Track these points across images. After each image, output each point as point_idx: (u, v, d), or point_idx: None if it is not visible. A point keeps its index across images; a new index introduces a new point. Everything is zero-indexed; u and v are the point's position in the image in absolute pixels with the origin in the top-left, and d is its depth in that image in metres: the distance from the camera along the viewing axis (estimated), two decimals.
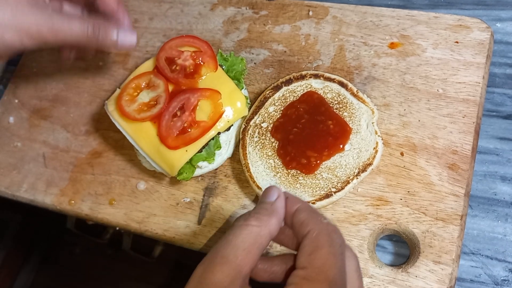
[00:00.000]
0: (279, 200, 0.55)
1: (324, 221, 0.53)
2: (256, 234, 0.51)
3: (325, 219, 0.54)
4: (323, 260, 0.49)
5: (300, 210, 0.54)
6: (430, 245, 0.71)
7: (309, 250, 0.50)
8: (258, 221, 0.52)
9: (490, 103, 0.83)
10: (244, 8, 0.98)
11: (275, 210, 0.54)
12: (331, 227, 0.53)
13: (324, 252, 0.49)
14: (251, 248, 0.50)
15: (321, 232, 0.51)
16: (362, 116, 0.78)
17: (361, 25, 0.89)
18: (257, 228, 0.51)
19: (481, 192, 0.78)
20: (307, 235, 0.51)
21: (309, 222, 0.52)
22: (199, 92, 0.79)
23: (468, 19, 0.84)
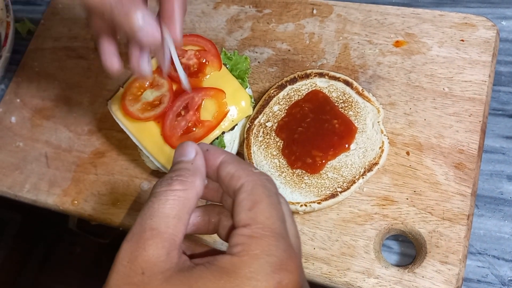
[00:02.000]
0: (199, 157, 0.51)
1: (255, 171, 0.50)
2: (184, 199, 0.47)
3: (255, 169, 0.51)
4: (265, 214, 0.46)
5: (226, 162, 0.50)
6: (437, 245, 0.71)
7: (248, 205, 0.46)
8: (182, 184, 0.48)
9: (496, 102, 0.83)
10: (247, 7, 0.97)
11: (197, 169, 0.50)
12: (263, 176, 0.49)
13: (264, 205, 0.46)
14: (181, 215, 0.46)
15: (256, 184, 0.48)
16: (368, 115, 0.78)
17: (366, 23, 0.89)
18: (183, 192, 0.47)
19: (488, 192, 0.78)
20: (241, 188, 0.48)
21: (240, 175, 0.48)
22: (203, 91, 0.78)
23: (474, 17, 0.84)
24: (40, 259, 2.17)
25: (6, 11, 1.10)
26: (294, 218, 0.76)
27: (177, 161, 0.51)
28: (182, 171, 0.49)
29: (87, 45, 1.05)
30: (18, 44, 1.13)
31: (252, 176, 0.48)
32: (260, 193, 0.47)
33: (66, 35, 1.08)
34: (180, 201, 0.47)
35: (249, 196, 0.47)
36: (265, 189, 0.48)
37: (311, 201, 0.74)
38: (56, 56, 1.06)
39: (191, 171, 0.49)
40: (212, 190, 0.54)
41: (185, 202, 0.47)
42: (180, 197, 0.47)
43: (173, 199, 0.46)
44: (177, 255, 0.45)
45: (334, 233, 0.75)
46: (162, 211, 0.46)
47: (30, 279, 2.12)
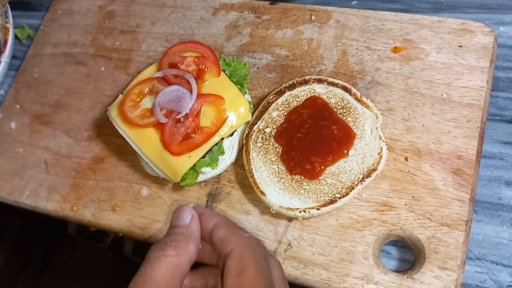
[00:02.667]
0: (194, 221, 0.53)
1: (245, 236, 0.52)
2: (176, 265, 0.49)
3: (245, 233, 0.52)
4: (251, 280, 0.48)
5: (218, 226, 0.53)
6: (436, 251, 0.71)
7: (236, 271, 0.48)
8: (176, 250, 0.50)
9: (494, 107, 0.83)
10: (246, 13, 0.98)
11: (191, 234, 0.52)
12: (253, 241, 0.51)
13: (252, 271, 0.48)
14: (173, 281, 0.48)
15: (245, 249, 0.50)
16: (366, 121, 0.78)
17: (364, 29, 0.89)
18: (176, 258, 0.49)
19: (486, 197, 0.78)
20: (231, 253, 0.50)
21: (230, 239, 0.51)
22: (202, 97, 0.79)
23: (472, 23, 0.84)
24: (40, 262, 2.16)
25: (6, 17, 1.11)
26: (293, 224, 0.77)
27: (173, 225, 0.53)
28: (177, 236, 0.51)
29: (86, 51, 1.05)
30: (17, 50, 1.13)
31: (242, 240, 0.50)
32: (248, 259, 0.49)
33: (65, 41, 1.08)
34: (172, 267, 0.48)
35: (237, 261, 0.49)
36: (254, 254, 0.49)
37: (310, 207, 0.74)
38: (55, 62, 1.06)
39: (185, 236, 0.51)
40: (208, 252, 0.55)
41: (177, 268, 0.49)
42: (173, 263, 0.49)
43: (165, 265, 0.48)
44: None
45: (333, 239, 0.75)
46: (154, 277, 0.47)
47: (29, 282, 2.12)
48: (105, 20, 1.07)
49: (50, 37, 1.10)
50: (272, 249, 0.77)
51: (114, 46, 1.04)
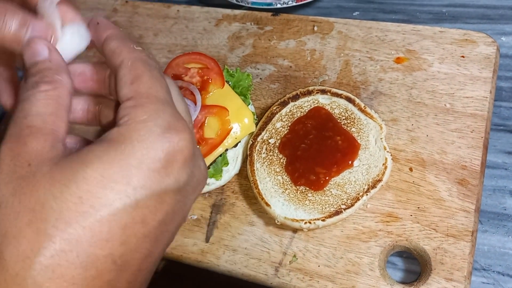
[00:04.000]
0: (54, 52, 0.48)
1: (136, 48, 0.48)
2: (56, 96, 0.44)
3: (137, 47, 0.48)
4: (148, 84, 0.44)
5: (110, 38, 0.48)
6: (442, 262, 0.71)
7: (129, 79, 0.45)
8: (50, 84, 0.44)
9: (497, 117, 0.83)
10: (249, 24, 0.98)
11: (57, 65, 0.47)
12: (144, 53, 0.48)
13: (146, 78, 0.45)
14: (57, 112, 0.43)
15: (136, 60, 0.46)
16: (370, 131, 0.78)
17: (366, 40, 0.90)
18: (53, 90, 0.44)
19: (491, 207, 0.78)
20: (122, 64, 0.46)
21: (121, 51, 0.47)
22: (206, 109, 0.79)
23: (474, 33, 0.85)
24: None
25: None
26: (298, 235, 0.76)
27: (31, 63, 0.46)
28: (44, 71, 0.46)
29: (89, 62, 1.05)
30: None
31: (133, 53, 0.47)
32: (141, 67, 0.46)
33: None
34: (52, 99, 0.44)
35: (129, 71, 0.45)
36: (145, 63, 0.46)
37: (315, 218, 0.74)
38: None
39: (53, 69, 0.46)
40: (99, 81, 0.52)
41: (58, 100, 0.44)
42: (52, 95, 0.44)
43: (44, 98, 0.43)
44: (63, 146, 0.42)
45: (338, 250, 0.75)
46: (36, 110, 0.43)
47: None
48: None
49: None
50: (277, 260, 0.76)
51: None
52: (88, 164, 0.39)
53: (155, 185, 0.41)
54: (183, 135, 0.43)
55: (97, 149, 0.40)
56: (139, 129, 0.41)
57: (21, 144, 0.41)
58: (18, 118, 0.42)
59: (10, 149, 0.41)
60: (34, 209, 0.38)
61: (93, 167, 0.39)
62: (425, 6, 0.97)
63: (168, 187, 0.42)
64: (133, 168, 0.40)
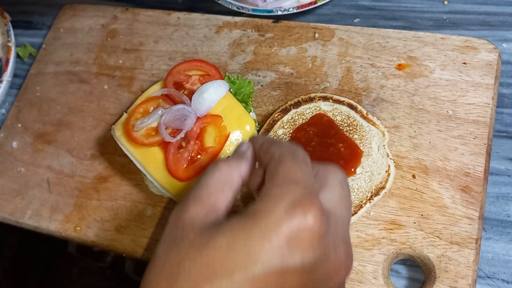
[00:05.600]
0: (249, 150, 0.56)
1: (285, 143, 0.53)
2: (228, 175, 0.51)
3: (287, 142, 0.55)
4: (287, 168, 0.48)
5: (265, 142, 0.55)
6: (446, 270, 0.70)
7: (273, 166, 0.49)
8: (227, 164, 0.52)
9: (500, 124, 0.83)
10: (249, 31, 0.98)
11: (244, 155, 0.55)
12: (293, 146, 0.52)
13: (288, 163, 0.49)
14: (223, 187, 0.50)
15: (283, 151, 0.51)
16: (373, 138, 0.78)
17: (368, 46, 0.89)
18: (228, 170, 0.52)
19: (494, 214, 0.77)
20: (271, 158, 0.51)
21: (271, 147, 0.52)
22: (199, 120, 0.78)
23: (475, 40, 0.85)
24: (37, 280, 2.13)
25: (8, 35, 1.10)
26: None
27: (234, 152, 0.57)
28: (231, 157, 0.55)
29: (89, 70, 1.05)
30: (19, 68, 1.13)
31: (282, 147, 0.52)
32: (285, 156, 0.50)
33: (67, 59, 1.08)
34: (223, 177, 0.51)
35: (275, 160, 0.50)
36: (291, 152, 0.50)
37: None
38: (57, 81, 1.06)
39: (239, 157, 0.55)
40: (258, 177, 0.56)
41: (228, 178, 0.51)
42: (224, 173, 0.51)
43: (218, 175, 0.51)
44: (214, 217, 0.48)
45: None
46: (205, 183, 0.50)
47: None
48: (108, 38, 1.07)
49: (53, 55, 1.10)
50: None
51: (117, 64, 1.03)
52: (221, 233, 0.44)
53: (276, 261, 0.42)
54: (312, 212, 0.44)
55: (233, 221, 0.45)
56: (268, 206, 0.44)
57: (184, 211, 0.48)
58: (193, 188, 0.51)
59: (176, 213, 0.49)
60: (172, 267, 0.44)
61: (223, 236, 0.43)
62: (426, 13, 0.96)
63: (291, 266, 0.43)
64: (255, 240, 0.42)
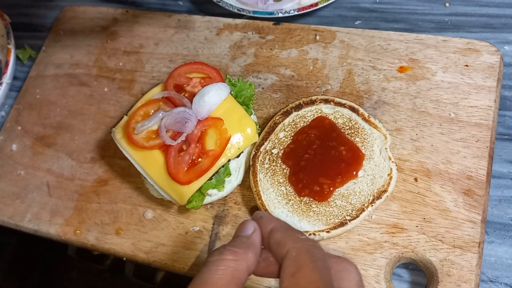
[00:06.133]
0: (255, 233, 0.53)
1: (301, 238, 0.51)
2: (234, 269, 0.49)
3: (302, 235, 0.52)
4: (307, 278, 0.46)
5: (275, 229, 0.52)
6: (449, 274, 0.69)
7: (291, 271, 0.47)
8: (234, 255, 0.50)
9: (502, 127, 0.82)
10: (250, 33, 0.97)
11: (251, 243, 0.52)
12: (310, 242, 0.50)
13: (307, 271, 0.47)
14: (229, 285, 0.48)
15: (301, 250, 0.49)
16: (375, 141, 0.77)
17: (369, 49, 0.89)
18: (233, 262, 0.49)
19: (497, 218, 0.77)
20: (287, 255, 0.49)
21: (286, 241, 0.50)
22: (200, 123, 0.78)
23: (477, 42, 0.84)
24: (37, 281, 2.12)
25: (7, 37, 1.10)
26: None
27: (235, 236, 0.54)
28: (237, 243, 0.51)
29: (89, 72, 1.04)
30: (19, 70, 1.13)
31: (298, 242, 0.50)
32: (303, 259, 0.48)
33: (67, 62, 1.08)
34: (229, 271, 0.48)
35: (293, 262, 0.48)
36: (309, 254, 0.48)
37: (320, 229, 0.73)
38: (57, 83, 1.06)
39: (245, 244, 0.51)
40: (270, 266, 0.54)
41: (234, 273, 0.48)
42: (230, 267, 0.48)
43: (223, 269, 0.48)
44: None
45: None
46: (211, 281, 0.47)
47: None
48: (108, 40, 1.07)
49: (53, 58, 1.10)
50: None
51: (117, 66, 1.03)
52: None
53: None
54: None
55: None
56: None
57: None
58: (194, 284, 0.47)
59: None
60: None
61: None
62: (427, 15, 0.96)
63: None
64: None
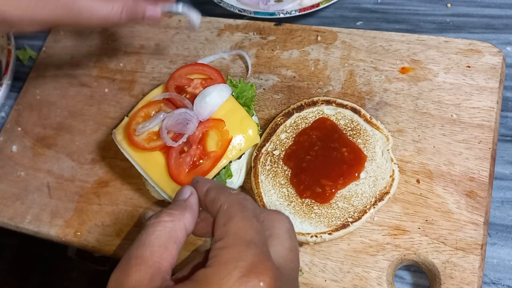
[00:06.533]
0: (192, 196, 0.55)
1: (233, 192, 0.53)
2: (171, 229, 0.50)
3: (233, 190, 0.54)
4: (237, 225, 0.48)
5: (210, 189, 0.54)
6: (451, 276, 0.69)
7: (223, 222, 0.49)
8: (171, 216, 0.51)
9: (504, 128, 0.82)
10: (251, 34, 0.97)
11: (188, 205, 0.53)
12: (241, 195, 0.53)
13: (237, 219, 0.49)
14: (167, 244, 0.48)
15: (232, 203, 0.51)
16: (377, 143, 0.77)
17: (371, 50, 0.89)
18: (170, 223, 0.50)
19: (499, 219, 0.76)
20: (220, 209, 0.51)
21: (219, 197, 0.52)
22: (202, 124, 0.77)
23: (479, 43, 0.84)
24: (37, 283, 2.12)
25: (7, 38, 1.10)
26: (304, 249, 0.75)
27: (173, 200, 0.55)
28: (174, 206, 0.53)
29: (90, 73, 1.04)
30: (19, 71, 1.12)
31: (229, 197, 0.52)
32: (235, 210, 0.50)
33: (68, 62, 1.07)
34: (166, 231, 0.49)
35: (224, 214, 0.50)
36: (240, 206, 0.50)
37: (322, 231, 0.72)
38: (58, 84, 1.05)
39: (182, 206, 0.53)
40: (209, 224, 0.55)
41: (171, 232, 0.49)
42: (167, 228, 0.49)
43: (160, 229, 0.49)
44: (160, 280, 0.46)
45: (345, 264, 0.73)
46: (148, 241, 0.48)
47: None
48: (109, 41, 1.07)
49: (53, 58, 1.09)
50: None
51: (117, 67, 1.03)
52: None
53: None
54: (266, 280, 0.44)
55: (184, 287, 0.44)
56: (220, 272, 0.44)
57: (125, 275, 0.46)
58: (132, 246, 0.48)
59: (116, 278, 0.46)
60: None
61: None
62: (429, 16, 0.96)
63: None
64: None
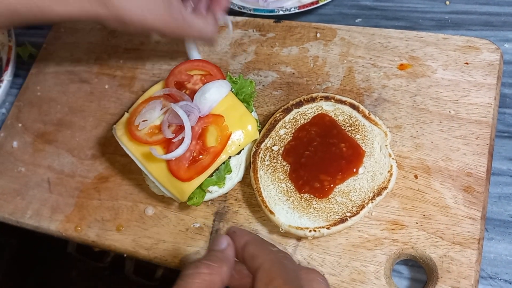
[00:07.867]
0: (229, 248, 0.55)
1: (274, 250, 0.53)
2: (209, 283, 0.50)
3: (274, 247, 0.54)
4: None
5: (249, 243, 0.55)
6: (448, 270, 0.70)
7: (264, 282, 0.50)
8: (209, 268, 0.51)
9: (502, 124, 0.83)
10: (251, 31, 0.98)
11: (225, 257, 0.54)
12: (281, 254, 0.53)
13: (280, 282, 0.49)
14: None
15: (273, 262, 0.51)
16: (375, 138, 0.77)
17: (370, 46, 0.89)
18: (209, 276, 0.51)
19: (496, 215, 0.77)
20: (260, 267, 0.51)
21: (259, 254, 0.52)
22: (201, 120, 0.78)
23: (477, 40, 0.84)
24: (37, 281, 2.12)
25: (8, 35, 1.10)
26: (303, 243, 0.75)
27: (209, 250, 0.56)
28: (211, 257, 0.53)
29: (90, 69, 1.05)
30: (20, 68, 1.13)
31: (270, 255, 0.52)
32: (276, 270, 0.50)
33: (68, 59, 1.08)
34: (204, 285, 0.50)
35: (266, 273, 0.50)
36: (281, 266, 0.51)
37: (320, 226, 0.73)
38: (58, 80, 1.06)
39: (219, 258, 0.53)
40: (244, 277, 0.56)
41: (209, 286, 0.50)
42: (205, 280, 0.50)
43: (198, 282, 0.50)
44: None
45: (343, 259, 0.74)
46: None
47: None
48: (109, 38, 1.07)
49: (53, 55, 1.10)
50: None
51: (118, 64, 1.03)
52: None
53: None
54: None
55: None
56: None
57: None
58: None
59: None
60: None
61: None
62: (428, 13, 0.96)
63: None
64: None
